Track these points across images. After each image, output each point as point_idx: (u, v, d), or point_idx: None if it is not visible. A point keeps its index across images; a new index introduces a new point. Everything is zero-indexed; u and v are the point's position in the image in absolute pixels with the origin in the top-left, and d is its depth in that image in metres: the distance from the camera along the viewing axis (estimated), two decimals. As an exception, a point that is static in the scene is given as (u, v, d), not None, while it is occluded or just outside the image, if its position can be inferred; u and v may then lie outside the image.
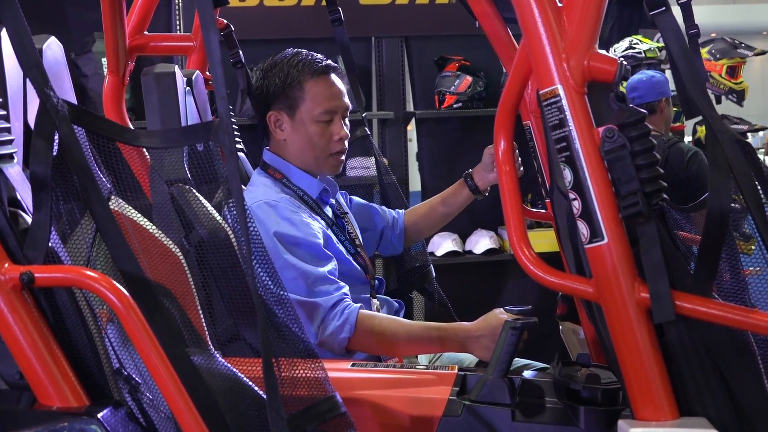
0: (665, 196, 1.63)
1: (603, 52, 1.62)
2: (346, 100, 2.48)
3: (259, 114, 2.51)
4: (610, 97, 1.60)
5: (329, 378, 1.64)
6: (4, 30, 1.65)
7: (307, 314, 2.18)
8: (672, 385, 1.63)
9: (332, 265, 2.27)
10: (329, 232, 2.38)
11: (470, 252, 5.03)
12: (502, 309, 2.14)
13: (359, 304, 2.23)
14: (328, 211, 2.49)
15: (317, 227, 2.31)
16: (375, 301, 2.45)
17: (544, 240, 3.71)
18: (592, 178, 1.60)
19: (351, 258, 2.43)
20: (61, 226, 1.54)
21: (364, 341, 2.19)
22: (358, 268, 2.44)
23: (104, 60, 4.43)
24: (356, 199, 2.80)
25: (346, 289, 2.26)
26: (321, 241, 2.28)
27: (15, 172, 1.57)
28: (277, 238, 2.22)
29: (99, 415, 1.45)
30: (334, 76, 2.45)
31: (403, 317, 2.58)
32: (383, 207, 2.83)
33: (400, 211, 2.85)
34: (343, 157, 2.48)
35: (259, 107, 2.49)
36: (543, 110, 1.65)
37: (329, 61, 2.47)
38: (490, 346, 2.07)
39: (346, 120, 2.49)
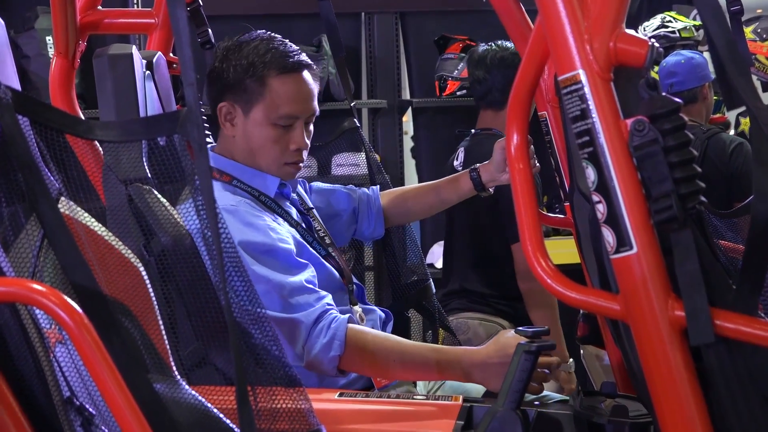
0: (703, 198, 1.64)
1: (631, 32, 1.64)
2: (315, 104, 2.44)
3: (210, 101, 2.47)
4: (639, 84, 1.61)
5: (314, 409, 1.66)
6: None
7: (288, 334, 2.18)
8: (710, 417, 1.64)
9: (309, 273, 2.27)
10: (297, 234, 2.38)
11: (475, 264, 5.05)
12: (512, 331, 2.14)
13: (347, 315, 2.24)
14: (291, 209, 2.49)
15: (284, 231, 2.32)
16: (357, 308, 2.44)
17: (563, 250, 3.73)
18: (619, 178, 1.62)
19: (324, 261, 2.44)
20: (2, 231, 1.55)
21: (356, 360, 2.20)
22: (334, 272, 2.45)
23: (49, 39, 4.46)
24: (316, 184, 2.79)
25: (329, 298, 2.26)
26: (292, 247, 2.29)
27: (-51, 169, 1.58)
28: (242, 248, 2.21)
29: (46, 452, 1.46)
30: (306, 74, 2.42)
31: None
32: (351, 186, 2.82)
33: (374, 187, 2.85)
34: (301, 165, 2.46)
35: (211, 93, 2.46)
36: (562, 99, 1.67)
37: (303, 57, 2.43)
38: (500, 374, 2.04)
39: (310, 127, 2.46)
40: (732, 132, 5.74)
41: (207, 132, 2.74)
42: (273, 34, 2.47)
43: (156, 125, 1.67)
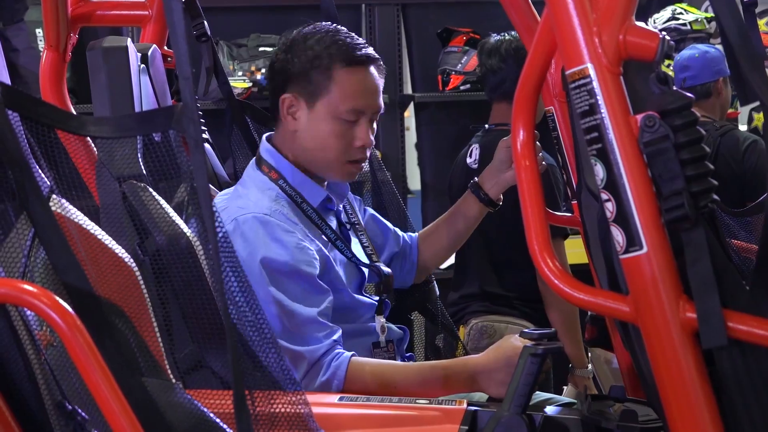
0: (716, 197, 1.65)
1: (641, 24, 1.64)
2: (381, 100, 2.46)
3: (272, 93, 2.46)
4: (650, 78, 1.62)
5: (313, 414, 1.66)
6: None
7: (290, 360, 2.18)
8: (723, 423, 1.64)
9: (326, 304, 2.28)
10: (328, 252, 2.37)
11: (480, 264, 5.05)
12: (516, 335, 2.15)
13: (351, 353, 2.25)
14: (332, 220, 2.48)
15: (314, 252, 2.30)
16: (381, 319, 2.45)
17: (571, 249, 3.73)
18: (629, 176, 1.62)
19: (365, 269, 2.47)
20: (-8, 230, 1.56)
21: (355, 389, 2.22)
22: (366, 300, 2.45)
23: (40, 31, 4.46)
24: (371, 211, 2.77)
25: (337, 334, 2.27)
26: (317, 271, 2.28)
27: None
28: (264, 264, 2.22)
29: (37, 458, 1.47)
30: (373, 69, 2.43)
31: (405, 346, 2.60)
32: (396, 229, 2.79)
33: (413, 235, 2.82)
34: (363, 166, 2.46)
35: (273, 85, 2.46)
36: (570, 94, 1.67)
37: (370, 50, 2.45)
38: (505, 381, 2.05)
39: (374, 125, 2.46)
40: (744, 127, 5.75)
41: (203, 128, 2.74)
42: (338, 26, 2.48)
43: (151, 121, 1.68)
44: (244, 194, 2.38)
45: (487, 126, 3.97)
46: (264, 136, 2.50)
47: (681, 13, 5.09)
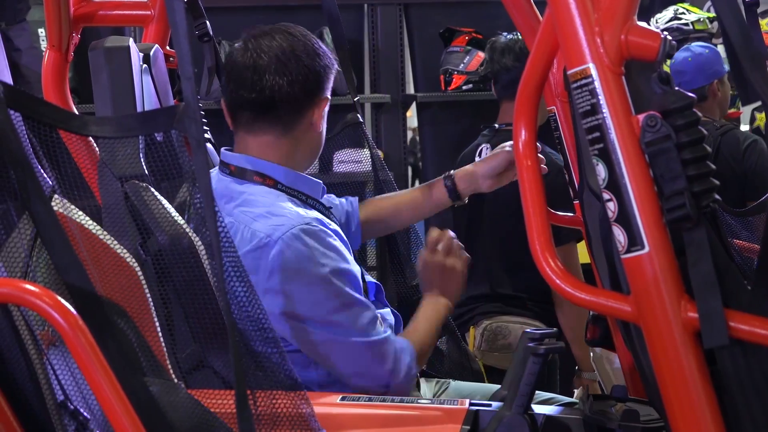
0: (717, 196, 1.64)
1: (643, 24, 1.64)
2: None
3: (298, 99, 2.32)
4: (651, 78, 1.62)
5: (315, 414, 1.66)
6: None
7: (377, 355, 2.22)
8: (725, 422, 1.64)
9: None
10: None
11: (482, 264, 5.05)
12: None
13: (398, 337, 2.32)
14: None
15: (350, 258, 2.31)
16: (386, 310, 2.47)
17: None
18: (631, 175, 1.62)
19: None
20: (-6, 230, 1.56)
21: (419, 365, 2.36)
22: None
23: (42, 31, 4.47)
24: None
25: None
26: (358, 270, 2.31)
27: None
28: (335, 275, 2.20)
29: (39, 458, 1.47)
30: None
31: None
32: (331, 196, 2.72)
33: (351, 198, 2.79)
34: None
35: (301, 90, 2.32)
36: (572, 94, 1.67)
37: None
38: (441, 286, 2.47)
39: None
40: (746, 127, 5.74)
41: (205, 128, 2.74)
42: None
43: (153, 120, 1.68)
44: (267, 212, 2.24)
45: (496, 126, 3.95)
46: (226, 152, 2.37)
47: (683, 13, 5.08)
